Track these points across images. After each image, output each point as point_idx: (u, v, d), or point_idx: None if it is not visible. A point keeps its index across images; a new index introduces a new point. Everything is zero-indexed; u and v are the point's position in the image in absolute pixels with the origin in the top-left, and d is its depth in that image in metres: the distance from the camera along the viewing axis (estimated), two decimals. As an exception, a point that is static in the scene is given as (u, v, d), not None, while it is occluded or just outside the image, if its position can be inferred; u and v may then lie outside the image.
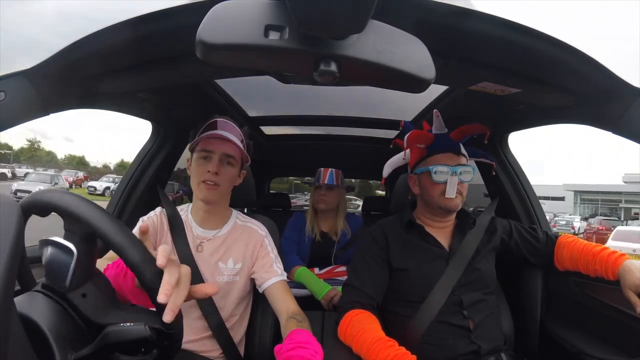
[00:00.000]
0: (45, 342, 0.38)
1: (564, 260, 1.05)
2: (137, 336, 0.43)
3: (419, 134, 1.07)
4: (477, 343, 0.92)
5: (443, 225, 1.07)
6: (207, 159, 0.92)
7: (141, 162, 1.34)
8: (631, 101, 0.63)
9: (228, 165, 0.94)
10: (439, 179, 1.00)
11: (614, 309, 0.96)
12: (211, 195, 0.92)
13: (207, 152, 0.92)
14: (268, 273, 0.95)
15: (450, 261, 0.99)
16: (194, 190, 0.94)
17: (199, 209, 0.98)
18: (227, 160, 0.94)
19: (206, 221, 0.99)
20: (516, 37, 0.54)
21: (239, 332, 1.01)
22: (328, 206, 1.76)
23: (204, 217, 0.99)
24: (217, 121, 0.95)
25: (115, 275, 0.56)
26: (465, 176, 1.01)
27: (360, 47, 0.39)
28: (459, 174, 1.00)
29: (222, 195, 0.96)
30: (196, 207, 0.99)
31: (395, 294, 1.01)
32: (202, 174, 0.91)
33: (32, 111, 0.60)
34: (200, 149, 0.93)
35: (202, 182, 0.91)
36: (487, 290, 1.01)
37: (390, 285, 1.01)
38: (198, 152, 0.93)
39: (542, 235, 1.11)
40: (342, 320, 0.90)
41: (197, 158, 0.93)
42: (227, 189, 0.96)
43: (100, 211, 0.44)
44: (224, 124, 0.95)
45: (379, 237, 1.05)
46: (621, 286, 0.86)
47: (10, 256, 0.30)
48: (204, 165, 0.92)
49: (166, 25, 0.53)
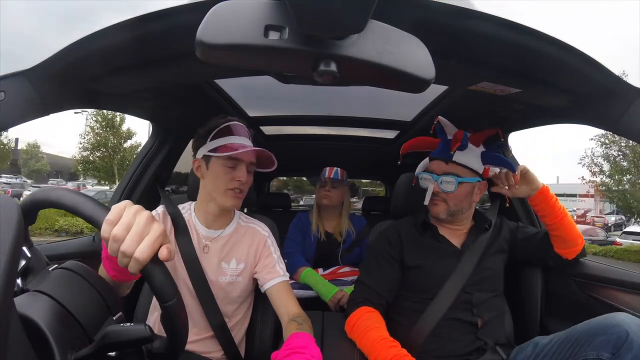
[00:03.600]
0: (45, 342, 0.38)
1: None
2: (137, 336, 0.43)
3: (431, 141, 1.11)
4: (483, 339, 0.95)
5: (456, 227, 1.08)
6: (234, 167, 0.93)
7: (141, 162, 1.34)
8: (631, 101, 0.63)
9: (249, 172, 0.96)
10: (422, 185, 1.06)
11: (615, 309, 0.96)
12: (237, 202, 0.95)
13: (235, 161, 0.92)
14: (270, 273, 0.95)
15: (462, 258, 1.01)
16: (216, 196, 0.94)
17: (209, 211, 0.98)
18: (250, 168, 0.96)
19: (214, 221, 0.99)
20: (516, 37, 0.54)
21: (240, 332, 1.01)
22: (331, 202, 1.75)
23: (213, 219, 0.98)
24: (231, 125, 0.95)
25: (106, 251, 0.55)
26: (446, 186, 1.00)
27: (360, 47, 0.39)
28: (439, 182, 1.01)
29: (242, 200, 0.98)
30: (205, 208, 0.98)
31: (407, 291, 1.03)
32: (231, 182, 0.92)
33: (32, 111, 0.60)
34: (226, 157, 0.92)
35: (230, 189, 0.92)
36: (496, 293, 1.04)
37: (404, 281, 1.03)
38: (224, 160, 0.92)
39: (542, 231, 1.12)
40: (352, 315, 0.94)
41: (223, 165, 0.92)
42: (246, 194, 0.99)
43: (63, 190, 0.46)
44: (239, 129, 0.96)
45: (392, 237, 1.07)
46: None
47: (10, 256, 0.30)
48: (231, 173, 0.92)
49: (166, 25, 0.53)
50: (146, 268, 0.44)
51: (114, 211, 0.45)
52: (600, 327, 0.75)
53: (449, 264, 1.00)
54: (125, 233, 0.44)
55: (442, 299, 0.96)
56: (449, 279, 0.98)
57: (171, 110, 1.21)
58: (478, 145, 1.04)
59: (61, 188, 0.47)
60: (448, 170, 1.01)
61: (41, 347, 0.38)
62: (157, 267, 0.45)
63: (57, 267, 0.47)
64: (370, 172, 3.00)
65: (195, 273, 0.93)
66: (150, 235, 0.45)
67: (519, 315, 1.18)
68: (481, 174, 1.04)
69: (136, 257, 0.43)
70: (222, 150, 0.91)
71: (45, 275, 0.45)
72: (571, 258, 1.05)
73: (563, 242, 1.02)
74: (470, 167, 1.02)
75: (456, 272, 0.98)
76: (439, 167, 1.03)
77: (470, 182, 1.02)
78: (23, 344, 0.35)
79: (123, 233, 0.44)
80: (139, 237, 0.44)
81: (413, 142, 1.16)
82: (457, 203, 1.02)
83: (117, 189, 1.35)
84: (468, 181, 1.01)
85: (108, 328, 0.43)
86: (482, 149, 1.05)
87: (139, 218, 0.45)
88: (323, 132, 2.00)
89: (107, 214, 0.45)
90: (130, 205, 0.47)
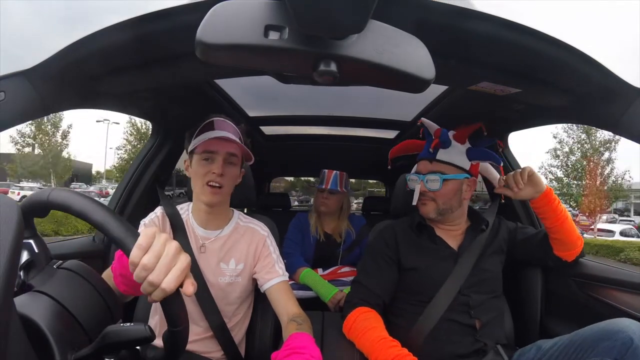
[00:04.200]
0: (45, 342, 0.38)
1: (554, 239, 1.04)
2: (137, 336, 0.43)
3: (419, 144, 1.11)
4: (482, 341, 0.95)
5: (452, 228, 1.08)
6: (209, 160, 0.91)
7: (141, 162, 1.34)
8: (631, 101, 0.63)
9: (231, 165, 0.93)
10: (410, 186, 1.07)
11: (614, 309, 0.96)
12: (215, 198, 0.92)
13: (209, 153, 0.91)
14: (270, 273, 0.95)
15: (459, 260, 1.00)
16: (197, 192, 0.93)
17: (200, 210, 0.98)
18: (230, 159, 0.93)
19: (208, 222, 0.98)
20: (516, 37, 0.54)
21: (240, 332, 1.01)
22: (329, 209, 1.76)
23: (206, 219, 0.98)
24: (214, 121, 0.94)
25: (119, 257, 0.55)
26: (431, 184, 1.01)
27: (360, 47, 0.39)
28: (425, 182, 1.02)
29: (225, 196, 0.95)
30: (197, 208, 0.99)
31: (404, 292, 1.02)
32: (206, 175, 0.90)
33: (32, 111, 0.60)
34: (202, 151, 0.91)
35: (206, 184, 0.90)
36: (494, 295, 1.03)
37: (400, 283, 1.03)
38: (200, 154, 0.92)
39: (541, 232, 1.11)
40: (349, 317, 0.93)
41: (199, 159, 0.92)
42: (230, 189, 0.95)
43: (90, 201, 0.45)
44: (221, 123, 0.94)
45: (389, 237, 1.07)
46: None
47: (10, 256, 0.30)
48: (207, 166, 0.91)
49: (166, 25, 0.53)
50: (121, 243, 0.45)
51: (145, 237, 0.45)
52: (604, 332, 0.75)
53: (445, 267, 1.00)
54: (155, 262, 0.44)
55: (438, 301, 0.96)
56: (445, 281, 0.97)
57: (171, 110, 1.21)
58: (463, 142, 1.05)
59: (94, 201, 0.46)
60: (432, 169, 1.02)
61: (41, 347, 0.38)
62: (177, 297, 0.46)
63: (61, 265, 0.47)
64: (370, 172, 3.00)
65: (193, 274, 0.92)
66: (177, 267, 0.45)
67: (519, 315, 1.18)
68: (469, 171, 1.04)
69: (163, 287, 0.44)
70: (199, 145, 0.91)
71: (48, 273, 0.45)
72: (571, 260, 1.05)
73: (563, 245, 1.02)
74: (455, 163, 1.02)
75: (453, 275, 0.98)
76: (424, 166, 1.05)
77: (457, 178, 1.02)
78: (23, 344, 0.35)
79: (153, 262, 0.44)
80: (168, 268, 0.45)
81: (400, 146, 1.18)
82: (446, 201, 1.02)
83: (117, 189, 1.35)
84: (453, 178, 1.02)
85: (108, 328, 0.43)
86: (468, 145, 1.05)
87: (168, 248, 0.46)
88: (323, 132, 2.00)
89: (137, 238, 0.45)
90: (159, 232, 0.47)
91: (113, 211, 0.46)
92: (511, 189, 1.00)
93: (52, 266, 0.47)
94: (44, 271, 0.45)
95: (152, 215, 0.99)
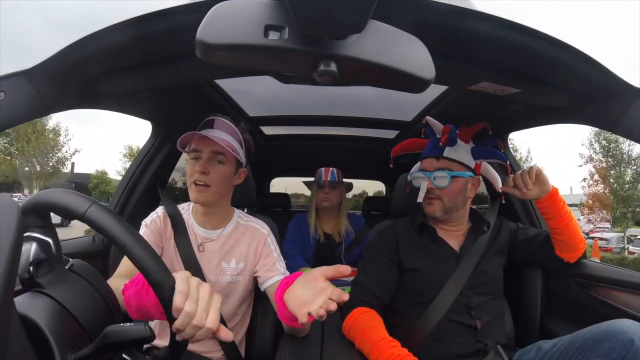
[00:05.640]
0: (45, 342, 0.38)
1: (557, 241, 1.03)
2: (137, 336, 0.43)
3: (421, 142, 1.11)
4: (482, 342, 0.95)
5: (454, 229, 1.08)
6: (196, 159, 0.92)
7: (141, 162, 1.34)
8: (631, 101, 0.63)
9: (219, 163, 0.92)
10: (415, 184, 1.06)
11: (615, 309, 0.96)
12: (202, 197, 0.90)
13: (196, 152, 0.92)
14: (270, 271, 0.95)
15: (461, 261, 1.00)
16: (189, 191, 0.93)
17: (197, 210, 0.98)
18: (216, 158, 0.92)
19: (207, 222, 0.98)
20: (516, 37, 0.54)
21: (240, 332, 1.01)
22: (332, 204, 1.77)
23: (204, 218, 0.98)
24: (208, 121, 0.94)
25: (137, 292, 0.54)
26: (439, 181, 1.01)
27: (360, 47, 0.39)
28: (432, 179, 1.01)
29: (214, 196, 0.92)
30: (195, 208, 0.99)
31: (405, 293, 1.02)
32: (192, 175, 0.90)
33: (32, 111, 0.60)
34: (191, 150, 0.93)
35: (193, 183, 0.90)
36: (495, 296, 1.03)
37: (401, 284, 1.03)
38: (189, 154, 0.93)
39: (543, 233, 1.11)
40: (348, 317, 0.93)
41: (189, 159, 0.93)
42: (219, 189, 0.93)
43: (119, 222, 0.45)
44: (217, 122, 0.94)
45: (389, 238, 1.07)
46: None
47: (10, 256, 0.30)
48: (194, 165, 0.91)
49: (166, 25, 0.53)
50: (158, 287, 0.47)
51: (183, 282, 0.49)
52: (605, 333, 0.75)
53: (447, 268, 1.00)
54: (196, 307, 0.48)
55: (440, 302, 0.96)
56: (447, 283, 0.97)
57: (171, 110, 1.21)
58: (467, 142, 1.05)
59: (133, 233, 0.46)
60: (440, 166, 1.02)
61: (41, 347, 0.38)
62: None
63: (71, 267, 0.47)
64: (370, 172, 3.00)
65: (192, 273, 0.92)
66: (214, 306, 0.51)
67: (519, 315, 1.18)
68: (473, 169, 1.04)
69: (209, 327, 0.49)
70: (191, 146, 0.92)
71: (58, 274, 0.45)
72: (572, 262, 1.05)
73: (566, 246, 1.02)
74: (462, 161, 1.02)
75: (454, 276, 0.98)
76: (431, 164, 1.04)
77: (463, 176, 1.02)
78: (23, 344, 0.35)
79: (194, 308, 0.48)
80: (207, 311, 0.50)
81: (403, 144, 1.18)
82: (452, 199, 1.02)
83: (117, 189, 1.35)
84: (461, 175, 1.02)
85: (108, 328, 0.43)
86: (472, 145, 1.06)
87: (202, 291, 0.51)
88: (323, 132, 2.00)
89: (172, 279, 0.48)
90: (191, 276, 0.51)
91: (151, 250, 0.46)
92: (520, 189, 1.00)
93: (64, 266, 0.47)
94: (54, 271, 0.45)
95: (154, 215, 0.99)
